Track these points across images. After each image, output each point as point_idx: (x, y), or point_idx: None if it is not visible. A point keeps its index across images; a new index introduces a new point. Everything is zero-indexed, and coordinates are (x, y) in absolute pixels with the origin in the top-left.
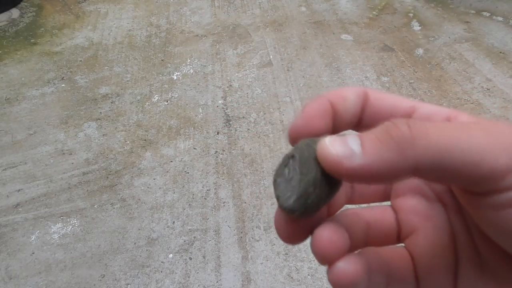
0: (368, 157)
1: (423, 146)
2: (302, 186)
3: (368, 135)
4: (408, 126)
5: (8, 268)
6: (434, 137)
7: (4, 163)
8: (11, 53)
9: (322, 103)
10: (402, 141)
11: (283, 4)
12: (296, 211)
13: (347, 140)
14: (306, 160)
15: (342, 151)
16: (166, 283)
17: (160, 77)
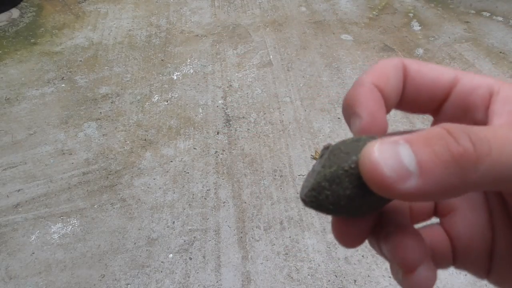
0: (426, 181)
1: (487, 168)
2: (318, 178)
3: (425, 149)
4: (470, 142)
5: (8, 268)
6: (497, 155)
7: (4, 163)
8: (11, 53)
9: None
10: (465, 163)
11: (283, 4)
12: (307, 203)
13: (400, 155)
14: (336, 153)
15: (395, 171)
16: (166, 283)
17: (160, 77)
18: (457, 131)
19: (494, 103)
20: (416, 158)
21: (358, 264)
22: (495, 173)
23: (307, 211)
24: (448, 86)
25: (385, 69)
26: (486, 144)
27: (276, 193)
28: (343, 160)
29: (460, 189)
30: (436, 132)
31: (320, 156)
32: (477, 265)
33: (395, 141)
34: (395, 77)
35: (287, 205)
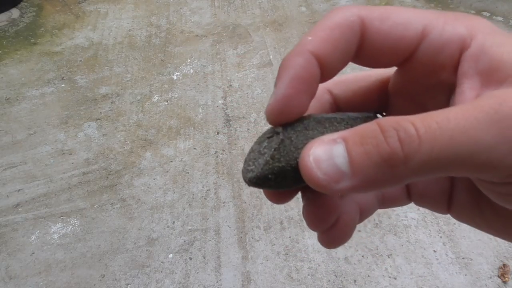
0: (358, 180)
1: (417, 164)
2: (265, 170)
3: (357, 148)
4: (399, 141)
5: (8, 268)
6: (427, 151)
7: (4, 163)
8: (11, 53)
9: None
10: (394, 162)
11: (283, 4)
12: (249, 185)
13: (333, 157)
14: (287, 145)
15: (328, 173)
16: (166, 283)
17: (160, 77)
18: (389, 128)
19: (463, 61)
20: (348, 159)
21: (358, 264)
22: (427, 167)
23: None
24: (414, 44)
25: (335, 32)
26: (415, 141)
27: None
28: (292, 156)
29: (393, 183)
30: (370, 130)
31: (269, 137)
32: (435, 206)
33: (332, 140)
34: (346, 43)
35: (287, 205)
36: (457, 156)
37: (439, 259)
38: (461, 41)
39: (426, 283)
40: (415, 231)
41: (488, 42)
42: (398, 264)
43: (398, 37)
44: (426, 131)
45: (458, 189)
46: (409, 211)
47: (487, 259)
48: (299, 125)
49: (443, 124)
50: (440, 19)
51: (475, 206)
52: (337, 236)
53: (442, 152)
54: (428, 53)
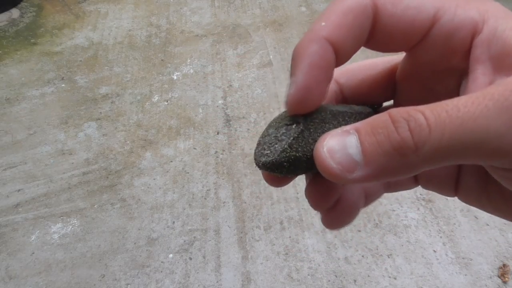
0: (371, 169)
1: (427, 152)
2: (282, 157)
3: (369, 138)
4: (409, 130)
5: (8, 268)
6: (436, 139)
7: (4, 163)
8: (11, 53)
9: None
10: (405, 152)
11: (283, 4)
12: (261, 168)
13: (346, 145)
14: (306, 136)
15: (342, 164)
16: (166, 283)
17: (160, 77)
18: (399, 118)
19: (476, 46)
20: (361, 148)
21: (358, 264)
22: (438, 156)
23: (307, 211)
24: (426, 27)
25: (348, 16)
26: (425, 130)
27: (276, 193)
28: (309, 148)
29: (405, 173)
30: (382, 120)
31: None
32: (441, 189)
33: (346, 131)
34: (359, 28)
35: (287, 205)
36: (467, 144)
37: (439, 259)
38: (473, 25)
39: (426, 283)
40: (415, 231)
41: (501, 26)
42: (398, 264)
43: (411, 21)
44: (436, 120)
45: (465, 172)
46: (409, 211)
47: (487, 259)
48: (317, 116)
49: (453, 112)
50: (452, 2)
51: (482, 189)
52: (340, 217)
53: (452, 140)
54: (439, 37)
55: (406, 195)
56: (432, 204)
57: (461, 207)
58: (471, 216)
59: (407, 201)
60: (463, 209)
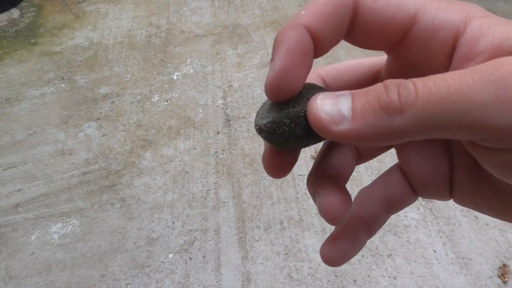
0: (356, 124)
1: (412, 116)
2: (281, 114)
3: (361, 98)
4: (397, 93)
5: (8, 268)
6: (422, 104)
7: (4, 163)
8: (11, 53)
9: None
10: (391, 112)
11: (283, 4)
12: (263, 132)
13: (338, 102)
14: (300, 96)
15: (331, 114)
16: (166, 283)
17: (160, 77)
18: (391, 84)
19: (460, 46)
20: (352, 105)
21: (358, 264)
22: (422, 122)
23: (307, 211)
24: (405, 26)
25: (328, 6)
26: (412, 95)
27: (276, 193)
28: (305, 104)
29: (390, 136)
30: (376, 86)
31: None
32: (438, 192)
33: (341, 94)
34: (338, 18)
35: (287, 205)
36: (450, 113)
37: (439, 259)
38: (455, 27)
39: (426, 283)
40: (415, 231)
41: (485, 24)
42: (398, 264)
43: (390, 17)
44: (423, 87)
45: (458, 172)
46: (409, 211)
47: (487, 259)
48: (308, 86)
49: (440, 82)
50: (433, 4)
51: (475, 188)
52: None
53: (436, 107)
54: (419, 39)
55: None
56: (432, 204)
57: (461, 207)
58: (471, 216)
59: None
60: (463, 209)
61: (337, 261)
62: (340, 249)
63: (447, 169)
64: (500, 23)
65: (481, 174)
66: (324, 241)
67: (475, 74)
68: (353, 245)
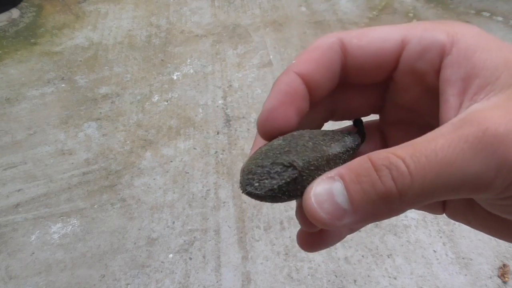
0: (359, 215)
1: (411, 198)
2: (267, 194)
3: (355, 186)
4: (392, 180)
5: (8, 268)
6: (419, 185)
7: (4, 163)
8: (11, 53)
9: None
10: (390, 200)
11: (283, 4)
12: (244, 194)
13: (334, 195)
14: (296, 182)
15: (331, 213)
16: (166, 283)
17: (160, 77)
18: (381, 167)
19: (444, 67)
20: (348, 197)
21: (358, 264)
22: (421, 199)
23: None
24: (395, 54)
25: (315, 53)
26: (406, 178)
27: None
28: (295, 193)
29: (391, 216)
30: (364, 168)
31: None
32: (431, 207)
33: (331, 178)
34: (328, 62)
35: (287, 205)
36: (447, 186)
37: (439, 259)
38: (441, 47)
39: (426, 283)
40: (415, 231)
41: (471, 47)
42: (398, 264)
43: (378, 50)
44: (416, 167)
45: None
46: (409, 211)
47: (487, 259)
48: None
49: (431, 158)
50: (417, 28)
51: (468, 206)
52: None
53: (433, 184)
54: (409, 62)
55: None
56: None
57: None
58: None
59: None
60: None
61: (313, 249)
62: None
63: None
64: (489, 48)
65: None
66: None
67: (463, 143)
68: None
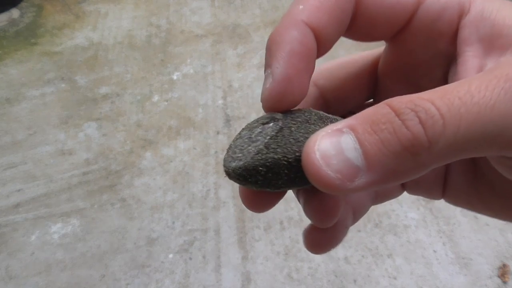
0: (375, 173)
1: (441, 148)
2: (256, 159)
3: (370, 138)
4: (420, 123)
5: (8, 268)
6: (452, 132)
7: (4, 163)
8: (11, 53)
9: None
10: (417, 150)
11: (283, 4)
12: (231, 178)
13: (343, 150)
14: (286, 135)
15: (341, 171)
16: (166, 283)
17: (160, 77)
18: (405, 110)
19: (463, 27)
20: (362, 150)
21: (358, 264)
22: (452, 151)
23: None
24: (409, 11)
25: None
26: (438, 122)
27: None
28: (290, 149)
29: (415, 174)
30: (382, 113)
31: (263, 123)
32: (430, 191)
33: (338, 130)
34: (341, 12)
35: (287, 205)
36: (486, 134)
37: (439, 259)
38: (460, 5)
39: (426, 283)
40: (415, 231)
41: (487, 7)
42: (398, 264)
43: (394, 3)
44: (449, 110)
45: (454, 172)
46: (409, 211)
47: (487, 259)
48: (300, 115)
49: (467, 99)
50: None
51: (472, 188)
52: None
53: (469, 131)
54: (425, 21)
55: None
56: (432, 204)
57: None
58: (471, 216)
59: (407, 201)
60: (463, 209)
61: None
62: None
63: (443, 169)
64: (503, 8)
65: (479, 176)
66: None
67: (504, 82)
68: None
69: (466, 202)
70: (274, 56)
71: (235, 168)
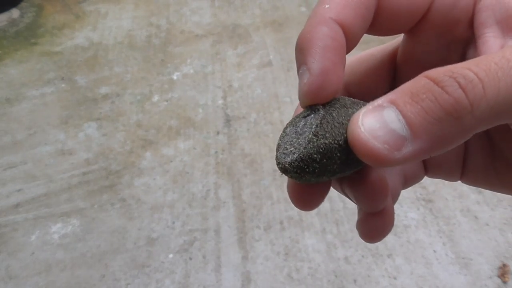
0: (422, 142)
1: (484, 110)
2: (309, 148)
3: (411, 107)
4: (460, 88)
5: (8, 268)
6: (493, 94)
7: (4, 163)
8: (11, 53)
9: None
10: (460, 113)
11: (283, 4)
12: (288, 172)
13: (388, 123)
14: (330, 120)
15: (388, 141)
16: (166, 283)
17: (160, 77)
18: (444, 78)
19: (479, 12)
20: (405, 121)
21: (358, 264)
22: (493, 114)
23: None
24: (427, 3)
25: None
26: (478, 86)
27: (276, 193)
28: (337, 132)
29: (460, 138)
30: (421, 85)
31: (304, 117)
32: (450, 173)
33: (379, 106)
34: (365, 8)
35: (287, 205)
36: None
37: (439, 259)
38: None
39: (426, 283)
40: (415, 231)
41: None
42: (398, 264)
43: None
44: (487, 74)
45: (472, 152)
46: (409, 211)
47: (487, 259)
48: (336, 102)
49: (503, 64)
50: None
51: (490, 167)
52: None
53: (510, 93)
54: (441, 10)
55: (406, 195)
56: (432, 204)
57: (461, 207)
58: (471, 216)
59: (407, 201)
60: (463, 209)
61: (380, 234)
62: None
63: (462, 150)
64: None
65: (496, 154)
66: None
67: None
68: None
69: (485, 181)
70: (308, 52)
71: (291, 161)
